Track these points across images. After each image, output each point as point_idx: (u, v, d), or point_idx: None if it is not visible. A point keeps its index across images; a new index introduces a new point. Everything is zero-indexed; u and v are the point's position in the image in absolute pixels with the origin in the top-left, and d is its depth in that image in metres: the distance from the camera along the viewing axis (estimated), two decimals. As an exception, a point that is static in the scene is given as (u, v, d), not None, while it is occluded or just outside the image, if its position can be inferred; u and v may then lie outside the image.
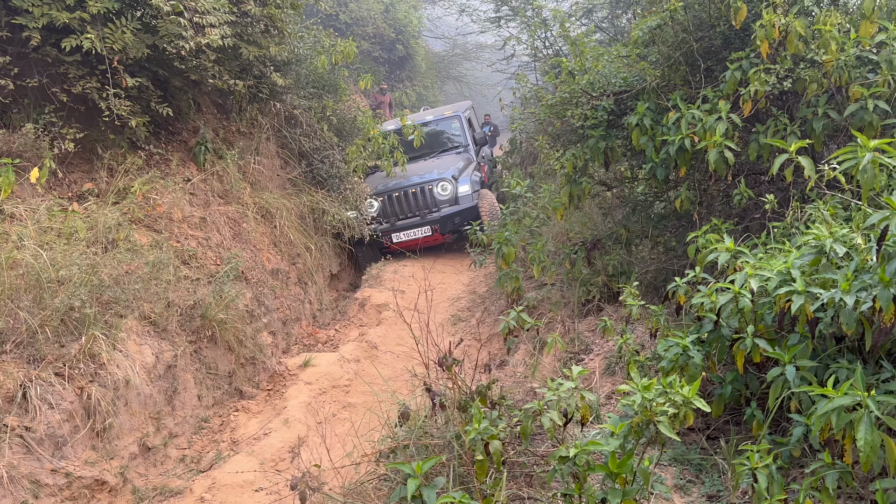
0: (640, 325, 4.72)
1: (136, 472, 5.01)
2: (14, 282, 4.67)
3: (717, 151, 4.31)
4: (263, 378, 6.70)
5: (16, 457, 4.24)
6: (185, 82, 7.12)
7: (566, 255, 5.85)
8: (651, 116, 4.82)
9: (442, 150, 11.56)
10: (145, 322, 5.47)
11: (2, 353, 4.52)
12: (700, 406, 2.48)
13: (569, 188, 5.44)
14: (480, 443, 2.72)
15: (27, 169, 5.61)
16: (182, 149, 7.42)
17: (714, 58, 5.10)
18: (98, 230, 5.54)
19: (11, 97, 5.95)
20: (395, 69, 19.08)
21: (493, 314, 7.71)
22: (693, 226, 4.84)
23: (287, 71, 8.63)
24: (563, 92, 5.27)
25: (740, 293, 3.07)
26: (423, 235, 10.13)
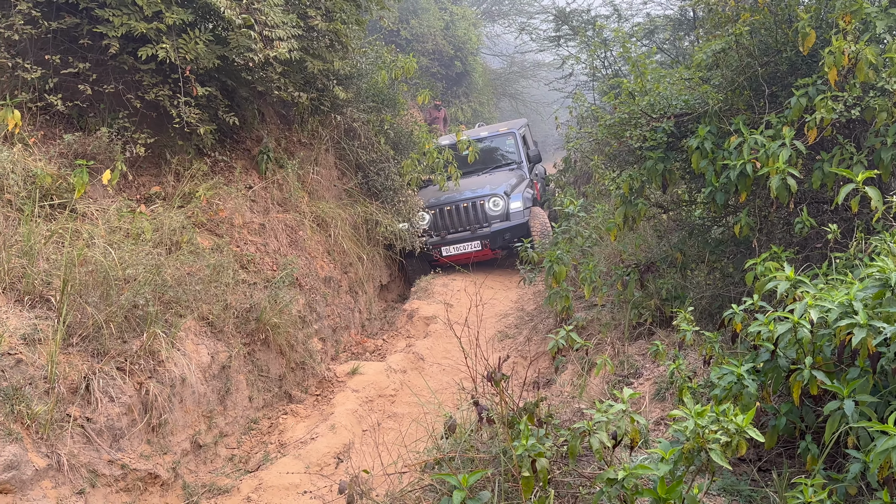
0: (692, 352, 4.65)
1: (187, 468, 5.16)
2: (84, 278, 4.89)
3: (779, 178, 4.24)
4: (312, 383, 6.82)
5: (76, 446, 4.42)
6: (252, 93, 7.36)
7: (618, 276, 5.80)
8: (712, 140, 4.77)
9: (495, 167, 11.62)
10: (203, 323, 5.65)
11: (69, 346, 4.72)
12: (754, 436, 2.44)
13: (624, 209, 5.41)
14: (527, 460, 2.73)
15: (100, 171, 5.88)
16: (245, 157, 7.66)
17: (779, 83, 5.03)
18: (163, 232, 5.75)
19: (89, 102, 6.25)
20: (452, 85, 19.27)
21: (540, 332, 7.68)
22: (751, 253, 4.75)
23: (349, 84, 8.83)
24: (622, 112, 5.27)
25: (800, 323, 3.01)
26: (472, 250, 10.16)
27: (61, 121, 6.18)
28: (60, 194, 5.51)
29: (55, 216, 5.37)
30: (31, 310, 4.66)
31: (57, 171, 5.60)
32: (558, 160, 13.18)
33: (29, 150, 5.60)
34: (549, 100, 18.86)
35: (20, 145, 5.52)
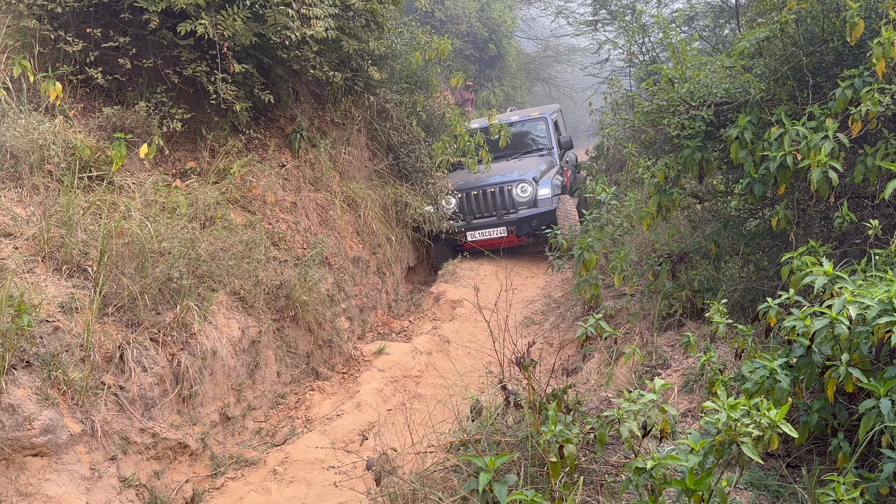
0: (723, 345, 4.60)
1: (216, 439, 5.26)
2: (120, 249, 4.98)
3: (820, 171, 4.14)
4: (339, 361, 6.89)
5: (110, 413, 4.53)
6: (287, 71, 7.39)
7: (650, 266, 5.74)
8: (752, 130, 4.67)
9: (525, 152, 11.46)
10: (234, 297, 5.73)
11: (104, 316, 4.83)
12: (787, 431, 2.41)
13: (658, 198, 5.34)
14: (555, 445, 2.73)
15: (137, 144, 5.96)
16: (279, 135, 7.71)
17: (824, 74, 4.90)
18: (198, 207, 5.83)
19: (128, 76, 6.33)
20: (485, 68, 19.13)
21: (567, 320, 7.66)
22: (788, 246, 4.67)
23: (383, 65, 8.81)
24: (660, 99, 5.18)
25: (837, 319, 2.96)
26: (498, 236, 10.05)
27: (101, 94, 6.27)
28: (99, 166, 5.61)
29: (93, 188, 5.47)
30: (68, 279, 4.76)
31: (96, 143, 5.69)
32: (590, 147, 13.04)
33: (69, 122, 5.69)
34: (582, 85, 18.64)
35: (61, 117, 5.62)
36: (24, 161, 5.18)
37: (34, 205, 5.04)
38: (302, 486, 4.84)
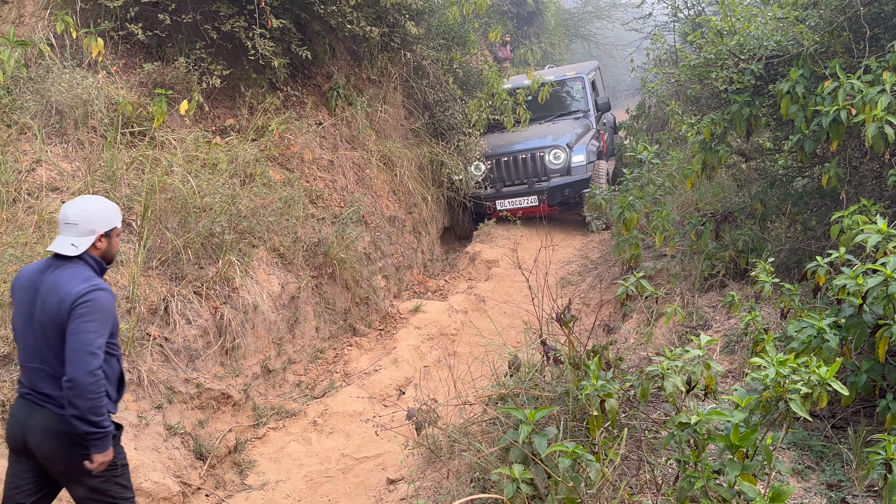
0: (767, 305, 4.51)
1: (257, 390, 5.38)
2: (163, 205, 5.06)
3: (876, 126, 3.98)
4: (376, 318, 6.96)
5: (155, 364, 4.66)
6: (324, 27, 7.32)
7: (692, 225, 5.63)
8: (804, 84, 4.50)
9: (560, 114, 10.81)
10: (274, 254, 5.79)
11: (149, 269, 4.92)
12: (838, 388, 2.36)
13: (703, 156, 5.20)
14: (596, 399, 2.72)
15: (177, 101, 6.00)
16: (316, 93, 7.68)
17: (883, 25, 4.68)
18: (237, 164, 5.87)
19: (167, 31, 6.34)
20: (522, 24, 18.71)
21: (605, 280, 7.59)
22: (838, 205, 4.53)
23: (420, 20, 8.67)
24: (707, 52, 5.01)
25: (892, 277, 2.87)
26: (528, 205, 9.62)
27: (141, 50, 6.30)
28: (140, 122, 5.66)
29: (136, 143, 5.54)
30: (114, 233, 4.85)
31: (137, 99, 5.75)
32: (630, 106, 12.72)
33: (111, 78, 5.74)
34: (623, 42, 18.15)
35: (103, 73, 5.67)
36: (68, 116, 5.26)
37: (79, 160, 5.13)
38: (341, 436, 4.94)
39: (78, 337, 2.67)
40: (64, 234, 2.86)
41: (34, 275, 2.88)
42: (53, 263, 2.86)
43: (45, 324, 2.77)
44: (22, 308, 2.87)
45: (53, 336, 2.76)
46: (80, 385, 2.64)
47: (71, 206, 2.90)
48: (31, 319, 2.83)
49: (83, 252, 2.85)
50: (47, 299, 2.78)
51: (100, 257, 2.94)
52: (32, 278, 2.87)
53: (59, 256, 2.86)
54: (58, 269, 2.83)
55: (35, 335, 2.82)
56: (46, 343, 2.78)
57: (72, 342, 2.67)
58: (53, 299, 2.76)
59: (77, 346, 2.66)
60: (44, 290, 2.81)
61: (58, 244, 2.84)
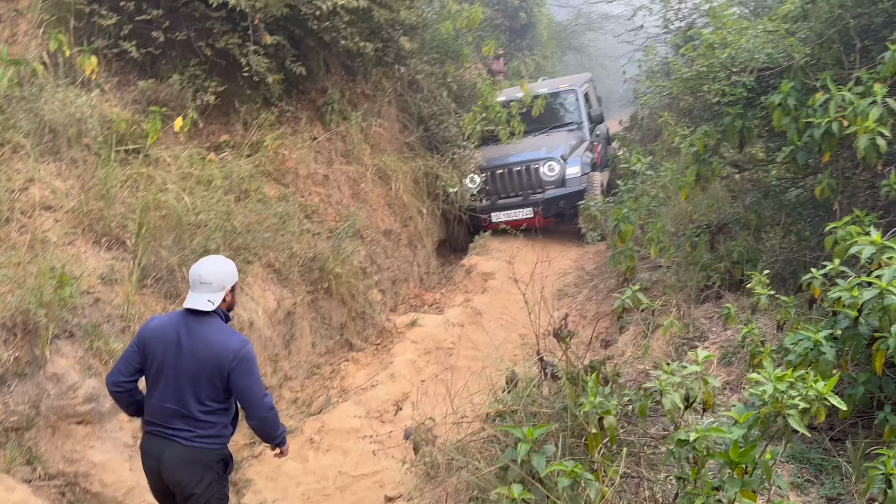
0: (763, 316, 4.51)
1: (253, 408, 5.34)
2: (157, 222, 5.04)
3: (867, 138, 4.00)
4: (372, 333, 6.94)
5: (151, 382, 4.62)
6: (318, 43, 7.34)
7: (687, 237, 5.64)
8: (796, 96, 4.52)
9: (554, 126, 10.86)
10: (269, 269, 5.78)
11: (143, 287, 4.90)
12: (835, 403, 2.36)
13: (696, 167, 5.22)
14: (595, 416, 2.71)
15: (172, 117, 5.99)
16: (310, 108, 7.69)
17: (872, 37, 4.72)
18: (232, 180, 5.87)
19: (161, 49, 6.34)
20: (515, 37, 18.81)
21: (601, 292, 7.59)
22: (831, 216, 4.54)
23: (413, 35, 8.71)
24: (700, 65, 5.04)
25: (887, 290, 2.87)
26: (524, 217, 9.65)
27: (135, 67, 6.30)
28: (134, 140, 5.65)
29: (130, 161, 5.52)
30: (108, 251, 4.84)
31: (131, 116, 5.74)
32: (623, 117, 12.77)
33: (105, 96, 5.74)
34: (615, 54, 18.25)
35: (97, 91, 5.66)
36: (62, 135, 5.25)
37: (73, 178, 5.11)
38: (338, 454, 4.91)
39: (251, 389, 3.18)
40: (198, 292, 3.22)
41: (170, 328, 3.22)
42: (189, 317, 3.22)
43: (190, 372, 3.14)
44: (156, 356, 3.19)
45: (202, 382, 3.15)
46: (266, 420, 3.27)
47: (203, 266, 3.27)
48: (169, 367, 3.17)
49: (217, 306, 3.24)
50: (200, 353, 3.15)
51: (226, 309, 3.34)
52: (169, 331, 3.21)
53: (192, 311, 3.21)
54: (200, 324, 3.21)
55: (173, 381, 3.16)
56: (188, 388, 3.15)
57: (248, 393, 3.18)
58: (206, 352, 3.14)
59: (253, 397, 3.19)
60: (191, 344, 3.16)
61: (195, 301, 3.20)
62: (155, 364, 3.20)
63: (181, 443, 3.16)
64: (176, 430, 3.17)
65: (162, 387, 3.18)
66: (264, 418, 3.24)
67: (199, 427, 3.16)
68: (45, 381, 4.01)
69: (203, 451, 3.18)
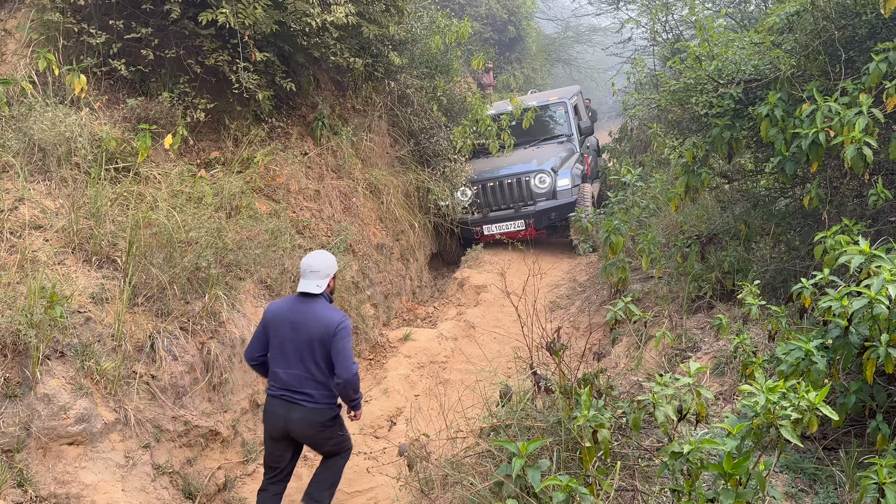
0: (755, 326, 4.53)
1: (246, 426, 5.31)
2: (148, 240, 5.02)
3: (854, 148, 4.04)
4: (365, 348, 6.92)
5: (142, 402, 4.59)
6: (308, 59, 7.37)
7: (678, 248, 5.67)
8: (783, 107, 4.57)
9: (544, 139, 10.97)
10: (261, 286, 5.76)
11: (134, 306, 4.88)
12: (827, 413, 2.36)
13: (686, 178, 5.26)
14: (589, 429, 2.71)
15: (162, 135, 5.99)
16: (301, 123, 7.71)
17: (857, 48, 4.77)
18: (223, 196, 5.85)
19: (151, 67, 6.35)
20: (504, 50, 18.96)
21: (593, 304, 7.61)
22: (820, 225, 4.58)
23: (403, 50, 8.76)
24: (687, 78, 5.09)
25: (876, 299, 2.89)
26: (515, 229, 9.74)
27: (125, 85, 6.30)
28: (124, 158, 5.64)
29: (120, 179, 5.51)
30: (98, 270, 4.81)
31: (121, 134, 5.73)
32: (613, 129, 12.85)
33: (94, 114, 5.73)
34: (604, 66, 18.41)
35: (86, 109, 5.66)
36: (51, 154, 5.23)
37: (63, 197, 5.09)
38: (332, 471, 4.87)
39: (344, 353, 3.90)
40: (308, 279, 4.02)
41: (287, 309, 4.03)
42: (302, 300, 4.03)
43: (310, 342, 3.92)
44: (279, 332, 3.99)
45: (318, 351, 3.92)
46: (350, 382, 3.90)
47: (312, 258, 4.09)
48: (289, 340, 3.95)
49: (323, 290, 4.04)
50: (311, 325, 3.93)
51: (329, 292, 4.14)
52: (286, 312, 4.02)
53: (304, 294, 4.02)
54: (310, 304, 4.00)
55: (294, 352, 3.94)
56: (308, 356, 3.93)
57: (340, 357, 3.89)
58: (319, 326, 3.92)
59: (344, 360, 3.89)
60: (304, 319, 3.95)
61: (307, 286, 4.01)
62: (278, 339, 3.98)
63: (304, 405, 3.93)
64: (300, 394, 3.94)
65: (286, 358, 3.96)
66: (349, 380, 3.89)
67: (317, 389, 3.94)
68: (36, 401, 3.97)
69: (320, 412, 3.97)
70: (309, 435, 4.01)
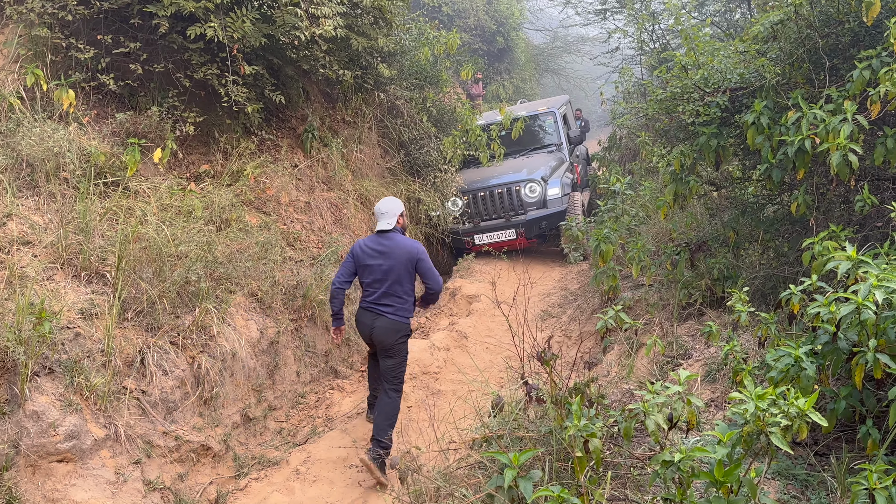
0: (745, 333, 4.55)
1: (238, 440, 5.28)
2: (138, 254, 5.01)
3: (840, 154, 4.07)
4: (357, 359, 6.89)
5: (132, 417, 4.56)
6: (297, 71, 7.38)
7: (668, 255, 5.69)
8: (769, 115, 4.61)
9: (533, 149, 11.04)
10: (252, 299, 5.74)
11: (124, 321, 4.85)
12: (817, 419, 2.37)
13: (674, 186, 5.29)
14: (580, 440, 2.70)
15: (151, 149, 5.99)
16: (291, 135, 7.71)
17: (840, 56, 4.83)
18: (213, 210, 5.84)
19: (140, 81, 6.35)
20: (493, 61, 19.06)
21: (585, 312, 7.61)
22: (808, 231, 4.61)
23: (392, 62, 8.79)
24: (674, 87, 5.12)
25: (864, 305, 2.91)
26: (506, 239, 9.76)
27: (113, 100, 6.29)
28: (114, 172, 5.63)
29: (109, 194, 5.50)
30: (87, 285, 4.79)
31: (110, 149, 5.72)
32: (602, 137, 12.92)
33: (83, 129, 5.72)
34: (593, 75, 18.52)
35: (75, 124, 5.64)
36: (40, 169, 5.22)
37: (51, 212, 5.07)
38: (325, 485, 4.85)
39: (431, 271, 5.06)
40: (382, 220, 5.12)
41: (373, 243, 5.07)
42: (382, 236, 5.07)
43: (394, 266, 4.96)
44: (368, 260, 5.02)
45: (402, 273, 4.98)
46: (437, 291, 5.13)
47: (382, 204, 5.20)
48: (376, 267, 4.98)
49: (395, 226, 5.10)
50: (396, 253, 4.97)
51: (401, 227, 5.17)
52: (372, 245, 5.06)
53: (381, 231, 5.08)
54: (389, 238, 5.05)
55: (381, 275, 4.97)
56: (393, 277, 4.96)
57: (430, 273, 5.05)
58: (402, 252, 4.97)
59: (432, 276, 5.05)
60: (389, 249, 4.99)
61: (382, 225, 5.10)
62: (367, 267, 5.01)
63: (388, 316, 4.96)
64: (384, 306, 4.96)
65: (373, 280, 4.98)
66: (436, 290, 5.11)
67: (398, 303, 4.97)
68: (25, 419, 3.94)
69: (398, 323, 4.97)
70: (386, 342, 4.95)
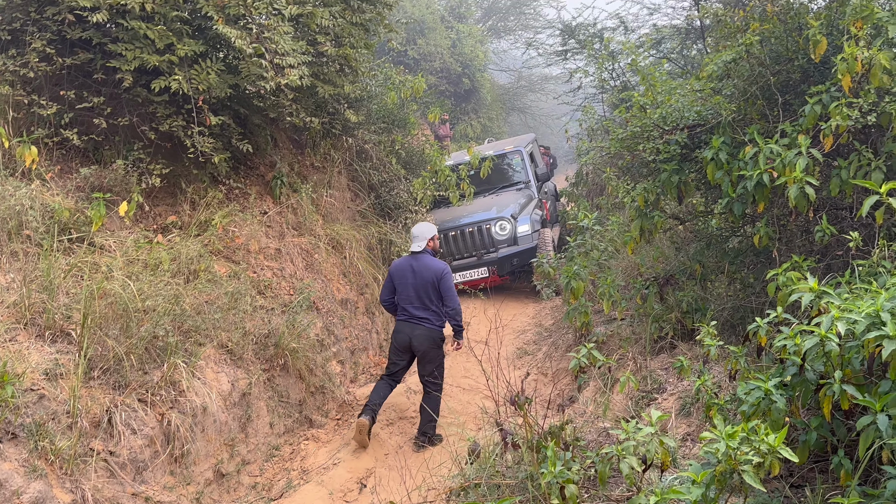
0: (716, 365, 4.59)
1: (211, 497, 5.15)
2: (103, 311, 4.91)
3: (797, 187, 4.18)
4: (332, 407, 6.80)
5: (100, 480, 4.42)
6: (264, 119, 7.41)
7: (637, 289, 5.75)
8: (727, 150, 4.73)
9: (502, 187, 11.21)
10: (222, 350, 5.65)
11: (90, 380, 4.74)
12: (787, 455, 2.39)
13: (640, 222, 5.37)
14: (556, 486, 2.69)
15: (116, 202, 5.93)
16: (259, 183, 7.70)
17: (792, 91, 4.99)
18: (181, 261, 5.78)
19: (104, 135, 6.32)
20: (460, 102, 19.34)
21: (560, 348, 7.63)
22: (772, 262, 4.69)
23: (359, 107, 8.87)
24: (634, 126, 5.24)
25: (827, 337, 2.96)
26: (479, 277, 9.84)
27: (77, 155, 6.25)
28: (78, 228, 5.56)
29: (73, 250, 5.42)
30: (52, 344, 4.68)
31: (74, 204, 5.65)
32: (570, 173, 13.11)
33: (46, 185, 5.66)
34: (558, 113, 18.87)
35: (38, 181, 5.58)
36: (1, 228, 5.13)
37: (14, 271, 4.98)
38: (302, 540, 4.74)
39: (451, 290, 6.00)
40: (415, 242, 6.08)
41: (407, 263, 6.08)
42: (414, 256, 6.06)
43: (425, 284, 5.95)
44: (402, 279, 6.02)
45: (430, 289, 5.96)
46: (457, 310, 6.00)
47: (416, 228, 6.16)
48: (410, 284, 5.98)
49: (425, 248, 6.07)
50: (425, 272, 5.96)
51: (432, 249, 6.15)
52: (407, 264, 6.07)
53: (414, 253, 6.06)
54: (420, 259, 6.03)
55: (414, 291, 5.97)
56: (424, 294, 5.96)
57: (449, 293, 5.99)
58: (429, 272, 5.95)
59: (451, 296, 5.99)
60: (420, 268, 5.98)
61: (414, 247, 6.07)
62: (402, 284, 6.01)
63: (424, 326, 5.93)
64: (421, 318, 5.94)
65: (409, 296, 5.98)
66: (456, 310, 5.99)
67: (431, 315, 5.96)
68: (-14, 488, 3.80)
69: (434, 331, 5.97)
70: (424, 349, 5.91)
